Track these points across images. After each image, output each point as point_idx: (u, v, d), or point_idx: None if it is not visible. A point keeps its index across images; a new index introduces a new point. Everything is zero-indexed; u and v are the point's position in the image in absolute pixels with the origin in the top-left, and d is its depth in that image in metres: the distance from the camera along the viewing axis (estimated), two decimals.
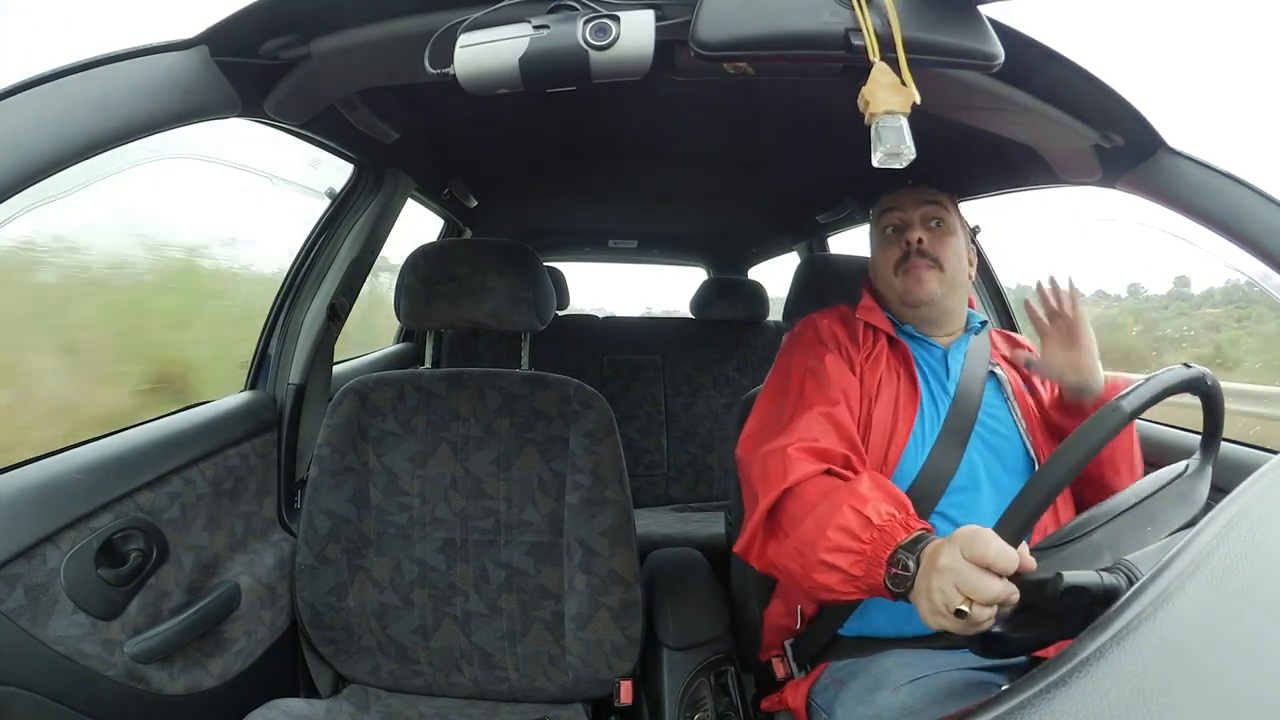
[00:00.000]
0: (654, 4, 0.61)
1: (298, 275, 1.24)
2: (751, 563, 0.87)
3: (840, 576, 0.73)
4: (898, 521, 0.71)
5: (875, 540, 0.71)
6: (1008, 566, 0.59)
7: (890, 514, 0.72)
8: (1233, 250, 0.80)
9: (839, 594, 0.75)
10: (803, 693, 0.92)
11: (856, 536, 0.72)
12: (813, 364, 0.95)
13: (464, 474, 1.09)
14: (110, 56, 0.61)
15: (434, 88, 0.65)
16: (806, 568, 0.76)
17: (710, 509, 2.16)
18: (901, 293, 0.98)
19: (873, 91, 0.58)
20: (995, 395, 0.96)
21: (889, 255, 1.00)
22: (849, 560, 0.72)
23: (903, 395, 0.93)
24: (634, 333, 2.45)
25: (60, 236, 1.31)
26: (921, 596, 0.64)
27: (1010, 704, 0.30)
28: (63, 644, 0.75)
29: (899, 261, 0.98)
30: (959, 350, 0.98)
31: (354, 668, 1.10)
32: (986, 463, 0.90)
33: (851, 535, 0.72)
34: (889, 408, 0.92)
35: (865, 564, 0.71)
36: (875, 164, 0.60)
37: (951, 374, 0.96)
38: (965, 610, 0.59)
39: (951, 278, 0.98)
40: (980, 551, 0.59)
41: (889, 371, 0.95)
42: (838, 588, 0.74)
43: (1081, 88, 0.77)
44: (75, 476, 0.79)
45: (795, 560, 0.78)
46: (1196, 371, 0.69)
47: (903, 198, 1.02)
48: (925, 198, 1.01)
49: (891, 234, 1.01)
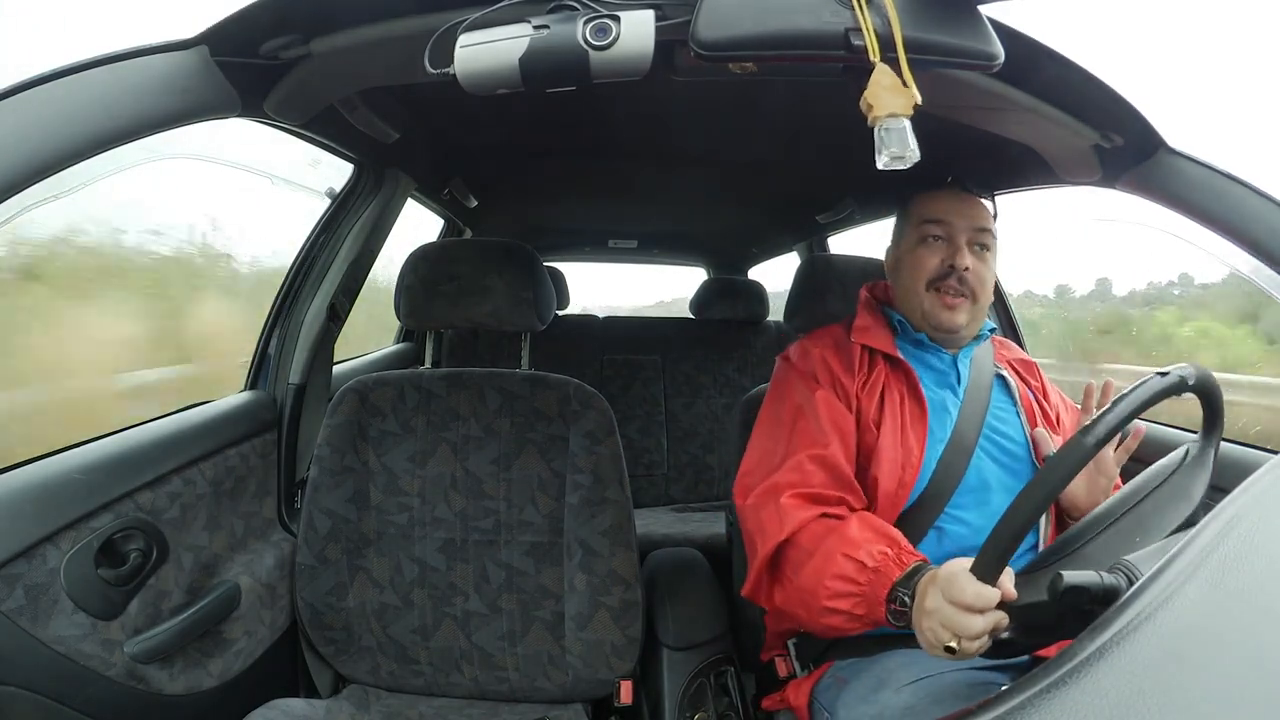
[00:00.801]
0: (654, 4, 0.60)
1: (298, 275, 1.24)
2: (762, 605, 0.91)
3: (844, 618, 0.77)
4: (891, 559, 0.75)
5: (872, 581, 0.74)
6: (986, 606, 0.61)
7: (883, 553, 0.75)
8: (1232, 250, 0.80)
9: (848, 631, 0.80)
10: (805, 691, 0.92)
11: (854, 581, 0.76)
12: (804, 401, 0.93)
13: (464, 474, 1.09)
14: (110, 56, 0.61)
15: (434, 88, 0.65)
16: (812, 614, 0.80)
17: (710, 509, 2.16)
18: (928, 313, 0.94)
19: (875, 94, 0.58)
20: (1003, 399, 0.97)
21: (924, 265, 0.93)
22: (850, 603, 0.76)
23: (908, 417, 0.91)
24: (634, 333, 2.45)
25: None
26: (917, 632, 0.68)
27: (1010, 704, 0.30)
28: (63, 644, 0.75)
29: (936, 278, 0.93)
30: (967, 356, 0.98)
31: (354, 668, 1.10)
32: (995, 464, 0.91)
33: (849, 581, 0.76)
34: (895, 433, 0.90)
35: (866, 604, 0.75)
36: (880, 167, 0.59)
37: (962, 379, 0.96)
38: (954, 647, 0.62)
39: (981, 307, 0.95)
40: (957, 595, 0.62)
41: (890, 393, 0.93)
42: (845, 626, 0.78)
43: (1081, 88, 0.77)
44: (75, 476, 0.79)
45: (800, 606, 0.82)
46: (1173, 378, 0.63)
47: (952, 209, 0.94)
48: (977, 221, 0.93)
49: (933, 243, 0.94)
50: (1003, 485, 0.90)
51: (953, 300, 0.92)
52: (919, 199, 0.98)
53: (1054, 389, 1.04)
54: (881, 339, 0.96)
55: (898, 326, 0.99)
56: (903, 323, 0.98)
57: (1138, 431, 0.87)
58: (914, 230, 0.97)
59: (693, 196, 1.95)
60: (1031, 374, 1.04)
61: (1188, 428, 1.14)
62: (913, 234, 0.97)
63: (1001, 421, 0.94)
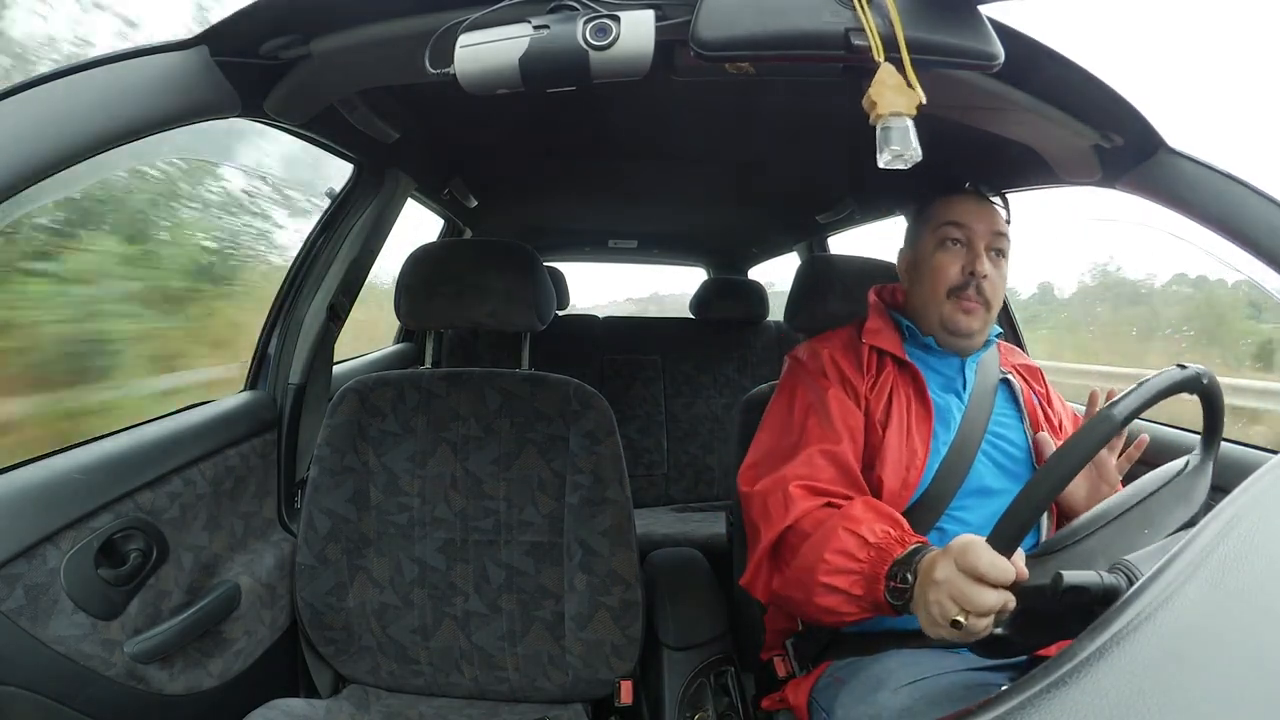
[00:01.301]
0: (654, 4, 0.60)
1: (298, 275, 1.24)
2: (757, 596, 0.89)
3: (841, 598, 0.75)
4: (893, 538, 0.73)
5: (872, 558, 0.73)
6: (1001, 577, 0.60)
7: (885, 531, 0.74)
8: (1232, 250, 0.80)
9: (842, 615, 0.77)
10: (804, 691, 0.92)
11: (854, 557, 0.74)
12: (815, 399, 0.93)
13: (464, 474, 1.09)
14: (110, 56, 0.61)
15: (434, 88, 0.65)
16: (809, 594, 0.78)
17: (710, 509, 2.16)
18: (947, 319, 0.94)
19: (879, 93, 0.58)
20: (1007, 402, 0.97)
21: (945, 272, 0.94)
22: (848, 580, 0.74)
23: (914, 419, 0.92)
24: (634, 333, 2.45)
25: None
26: (920, 608, 0.66)
27: (1010, 704, 0.30)
28: (63, 644, 0.75)
29: (956, 287, 0.93)
30: (974, 361, 0.98)
31: (354, 668, 1.10)
32: (996, 468, 0.92)
33: (849, 556, 0.74)
34: (900, 433, 0.91)
35: (865, 582, 0.73)
36: (881, 165, 0.60)
37: (968, 384, 0.96)
38: (961, 621, 0.60)
39: (993, 314, 0.95)
40: (972, 563, 0.60)
41: (898, 396, 0.93)
42: (841, 609, 0.76)
43: (1081, 88, 0.77)
44: (75, 476, 0.79)
45: (797, 589, 0.81)
46: (1191, 371, 0.66)
47: (971, 213, 0.94)
48: (995, 226, 0.94)
49: (952, 247, 0.94)
50: (1003, 488, 0.91)
51: (970, 306, 0.93)
52: (939, 203, 0.98)
53: (1057, 395, 1.05)
54: (891, 342, 0.97)
55: (906, 332, 0.99)
56: (911, 329, 0.99)
57: (1141, 441, 0.87)
58: (932, 234, 0.96)
59: (693, 196, 1.95)
60: (1036, 379, 1.04)
61: (1188, 428, 1.14)
62: (931, 238, 0.97)
63: (1004, 426, 0.95)
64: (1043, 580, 0.58)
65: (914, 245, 1.00)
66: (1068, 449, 0.61)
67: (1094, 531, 0.67)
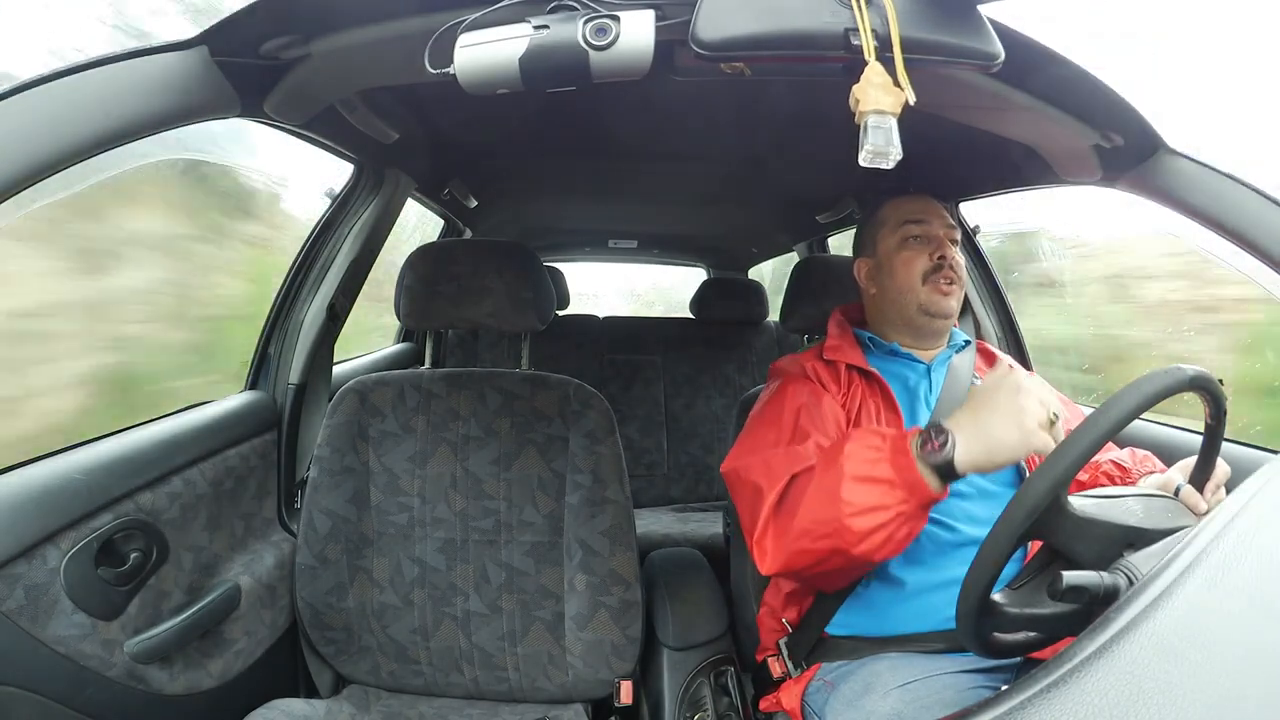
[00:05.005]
0: (654, 4, 0.61)
1: (298, 275, 1.24)
2: (767, 569, 0.81)
3: (877, 490, 0.70)
4: (900, 433, 0.74)
5: (893, 439, 0.72)
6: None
7: (891, 431, 0.75)
8: (1233, 250, 0.80)
9: (881, 520, 0.70)
10: (797, 694, 0.92)
11: (871, 445, 0.73)
12: (806, 400, 0.95)
13: (464, 474, 1.09)
14: (110, 57, 0.61)
15: (434, 88, 0.65)
16: (836, 512, 0.71)
17: (710, 509, 2.16)
18: (926, 303, 0.98)
19: (864, 90, 0.58)
20: None
21: (915, 264, 0.98)
22: (871, 465, 0.71)
23: (884, 425, 0.94)
24: (634, 333, 2.45)
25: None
26: (1009, 424, 0.66)
27: (1010, 704, 0.30)
28: (63, 644, 0.75)
29: (929, 272, 0.97)
30: (941, 365, 1.00)
31: (354, 668, 1.10)
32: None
33: (868, 446, 0.73)
34: None
35: (891, 454, 0.70)
36: (861, 163, 0.60)
37: (934, 387, 0.98)
38: (1056, 417, 0.64)
39: (963, 298, 1.00)
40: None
41: (866, 406, 0.96)
42: (877, 503, 0.70)
43: (1081, 88, 0.77)
44: (75, 476, 0.79)
45: (820, 523, 0.73)
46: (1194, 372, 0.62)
47: (929, 212, 1.00)
48: (948, 220, 1.00)
49: (915, 243, 0.99)
50: (980, 491, 0.92)
51: (946, 288, 0.97)
52: (890, 205, 1.03)
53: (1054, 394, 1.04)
54: (852, 354, 1.00)
55: (868, 343, 1.03)
56: (873, 339, 1.03)
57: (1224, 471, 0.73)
58: (893, 233, 1.01)
59: (693, 196, 1.95)
60: None
61: (1188, 428, 1.14)
62: (892, 237, 1.01)
63: None
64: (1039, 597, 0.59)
65: (874, 249, 1.04)
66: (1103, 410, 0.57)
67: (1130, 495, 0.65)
